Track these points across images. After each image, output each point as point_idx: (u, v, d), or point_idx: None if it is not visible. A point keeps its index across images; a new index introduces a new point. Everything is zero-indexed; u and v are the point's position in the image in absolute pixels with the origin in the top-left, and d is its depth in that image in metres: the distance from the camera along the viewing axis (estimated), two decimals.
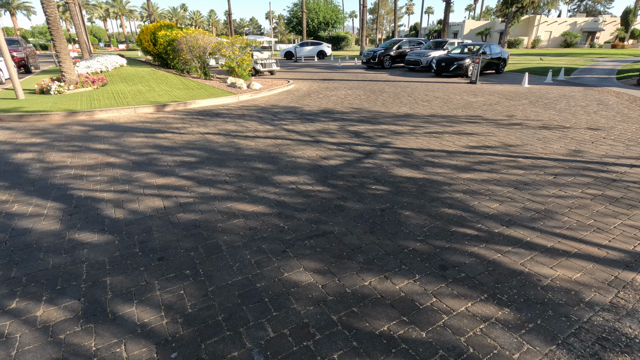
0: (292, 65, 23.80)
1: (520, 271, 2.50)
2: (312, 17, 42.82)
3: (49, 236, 3.01)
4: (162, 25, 17.51)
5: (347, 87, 12.67)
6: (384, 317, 2.09)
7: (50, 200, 3.69)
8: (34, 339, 1.95)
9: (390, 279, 2.44)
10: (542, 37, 48.46)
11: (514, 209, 3.42)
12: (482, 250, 2.75)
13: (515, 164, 4.67)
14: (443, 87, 12.18)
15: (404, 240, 2.90)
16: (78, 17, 19.74)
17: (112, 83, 12.38)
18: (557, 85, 12.37)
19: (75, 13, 19.02)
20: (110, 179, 4.24)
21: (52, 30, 9.87)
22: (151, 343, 1.93)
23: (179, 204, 3.58)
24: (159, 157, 5.04)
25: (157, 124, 7.20)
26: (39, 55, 35.81)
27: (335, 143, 5.74)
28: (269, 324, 2.05)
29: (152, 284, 2.40)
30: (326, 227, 3.12)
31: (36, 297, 2.28)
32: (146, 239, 2.95)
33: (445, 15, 27.39)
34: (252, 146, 5.59)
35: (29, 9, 70.37)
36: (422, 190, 3.86)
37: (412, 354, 1.84)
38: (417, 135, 6.13)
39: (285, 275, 2.49)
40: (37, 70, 18.45)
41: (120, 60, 18.07)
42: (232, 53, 12.91)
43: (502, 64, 16.13)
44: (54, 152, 5.30)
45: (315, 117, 7.79)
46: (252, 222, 3.22)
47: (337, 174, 4.37)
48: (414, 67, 17.87)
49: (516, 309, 2.15)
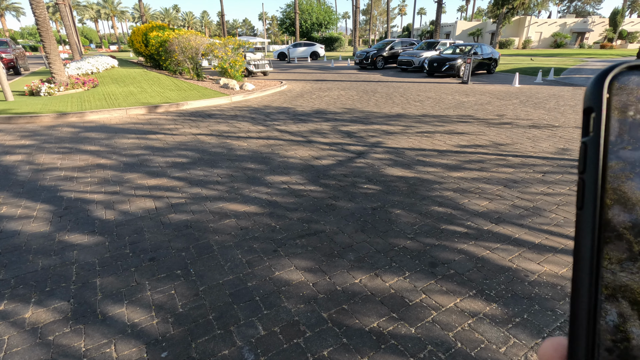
0: (285, 66, 23.81)
1: (508, 267, 2.54)
2: (305, 18, 42.89)
3: (38, 238, 2.98)
4: (154, 26, 17.42)
5: (340, 87, 12.71)
6: (374, 314, 2.11)
7: (39, 202, 3.65)
8: (23, 341, 1.94)
9: (381, 276, 2.46)
10: (532, 37, 49.05)
11: (503, 207, 3.47)
12: (472, 247, 2.79)
13: (505, 162, 4.73)
14: (435, 87, 12.28)
15: (394, 238, 2.93)
16: (68, 18, 19.55)
17: (103, 84, 12.28)
18: (547, 85, 12.54)
19: (65, 14, 18.83)
20: (101, 181, 4.22)
21: (41, 32, 9.77)
22: (141, 343, 1.93)
23: (170, 205, 3.57)
24: (151, 158, 5.02)
25: (148, 125, 7.16)
26: (29, 57, 35.37)
27: (328, 143, 5.76)
28: (259, 322, 2.06)
29: (143, 284, 2.40)
30: (317, 226, 3.14)
31: (25, 299, 2.26)
32: (137, 240, 2.94)
33: (437, 16, 27.61)
34: (245, 147, 5.59)
35: (18, 9, 69.52)
36: (413, 189, 3.90)
37: (401, 349, 1.87)
38: (408, 135, 6.18)
39: (276, 274, 2.50)
40: (27, 71, 18.21)
41: (112, 62, 17.94)
42: (225, 54, 12.88)
43: (493, 64, 16.30)
44: (44, 154, 5.25)
45: (307, 117, 7.81)
46: (243, 222, 3.22)
47: (329, 174, 4.39)
48: (406, 67, 17.98)
49: (503, 304, 2.18)
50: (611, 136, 0.21)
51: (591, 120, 0.21)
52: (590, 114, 0.21)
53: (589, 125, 0.21)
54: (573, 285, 0.21)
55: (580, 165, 0.22)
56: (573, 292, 0.21)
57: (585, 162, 0.21)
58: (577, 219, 0.21)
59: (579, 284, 0.21)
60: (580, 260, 0.21)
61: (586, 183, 0.21)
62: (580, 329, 0.20)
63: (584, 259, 0.20)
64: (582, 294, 0.20)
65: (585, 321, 0.20)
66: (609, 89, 0.21)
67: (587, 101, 0.21)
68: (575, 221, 0.22)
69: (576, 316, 0.21)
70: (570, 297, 0.21)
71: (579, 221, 0.21)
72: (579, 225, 0.21)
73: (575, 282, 0.21)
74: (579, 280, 0.21)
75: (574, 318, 0.21)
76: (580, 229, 0.21)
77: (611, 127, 0.21)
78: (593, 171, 0.21)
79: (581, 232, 0.21)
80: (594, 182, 0.21)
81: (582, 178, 0.21)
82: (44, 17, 9.68)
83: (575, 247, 0.21)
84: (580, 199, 0.21)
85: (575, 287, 0.21)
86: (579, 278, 0.21)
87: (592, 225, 0.20)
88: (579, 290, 0.21)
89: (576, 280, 0.21)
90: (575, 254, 0.21)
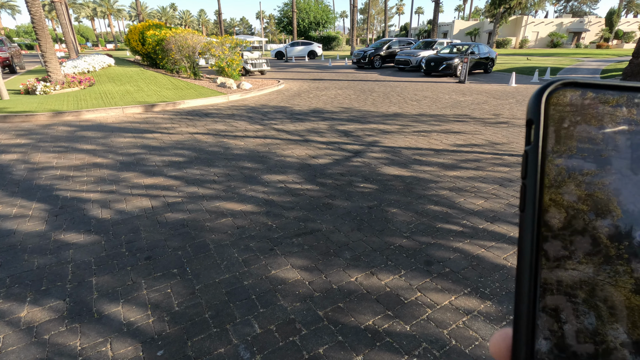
0: (283, 65, 23.78)
1: (502, 265, 2.56)
2: (303, 17, 42.83)
3: (34, 237, 2.97)
4: (150, 25, 17.35)
5: (337, 86, 12.72)
6: (369, 312, 2.12)
7: (35, 201, 3.64)
8: (18, 340, 1.94)
9: (376, 274, 2.48)
10: (529, 37, 49.23)
11: (498, 205, 3.49)
12: (467, 246, 2.81)
13: (501, 161, 4.76)
14: (432, 87, 12.31)
15: (390, 237, 2.95)
16: (64, 16, 19.44)
17: (100, 83, 12.23)
18: None
19: (61, 12, 18.73)
20: (97, 180, 4.21)
21: (37, 30, 9.71)
22: (137, 341, 1.93)
23: (166, 204, 3.57)
24: (147, 157, 5.01)
25: (145, 124, 7.14)
26: (25, 55, 35.09)
27: (325, 142, 5.77)
28: (255, 320, 2.07)
29: (139, 283, 2.40)
30: (314, 225, 3.15)
31: (20, 298, 2.26)
32: (133, 239, 2.94)
33: (435, 15, 27.65)
34: (242, 146, 5.59)
35: (13, 7, 69.04)
36: (409, 188, 3.92)
37: (396, 347, 1.88)
38: (405, 134, 6.20)
39: (272, 272, 2.51)
40: (23, 70, 18.10)
41: (108, 60, 17.85)
42: (222, 53, 12.85)
43: (490, 63, 16.35)
44: (39, 153, 5.23)
45: (305, 116, 7.81)
46: (240, 221, 3.23)
47: (325, 173, 4.40)
48: (403, 67, 18.00)
49: (498, 301, 2.20)
50: (549, 145, 0.23)
51: (532, 131, 0.23)
52: (531, 125, 0.23)
53: (530, 136, 0.23)
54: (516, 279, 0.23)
55: (523, 172, 0.23)
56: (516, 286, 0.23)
57: (526, 168, 0.23)
58: (519, 220, 0.23)
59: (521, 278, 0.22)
60: (522, 257, 0.22)
61: (527, 187, 0.23)
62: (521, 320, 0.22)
63: (525, 255, 0.22)
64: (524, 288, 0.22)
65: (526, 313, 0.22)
66: (546, 104, 0.23)
67: (528, 114, 0.23)
68: (518, 223, 0.23)
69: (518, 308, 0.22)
70: (515, 291, 0.23)
71: (521, 222, 0.23)
72: (521, 226, 0.23)
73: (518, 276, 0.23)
74: (521, 275, 0.22)
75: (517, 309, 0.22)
76: (522, 229, 0.23)
77: (549, 137, 0.23)
78: (533, 177, 0.23)
79: (523, 232, 0.22)
80: (534, 186, 0.22)
81: (524, 183, 0.23)
82: (40, 15, 9.63)
83: (518, 245, 0.23)
84: (522, 202, 0.23)
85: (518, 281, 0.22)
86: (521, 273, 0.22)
87: (532, 225, 0.22)
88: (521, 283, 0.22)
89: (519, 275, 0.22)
90: (518, 252, 0.23)
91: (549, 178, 0.22)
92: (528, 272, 0.22)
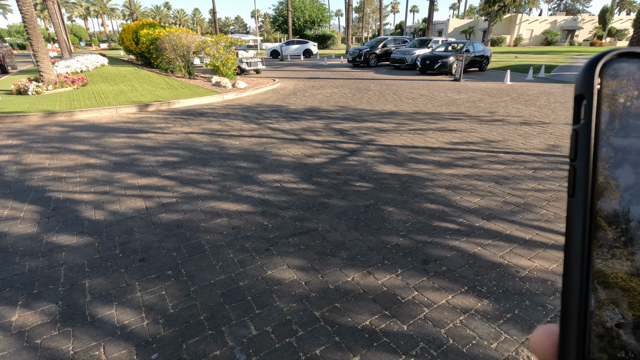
0: (278, 64, 23.70)
1: (499, 263, 2.56)
2: (298, 15, 42.71)
3: (26, 240, 2.93)
4: (144, 24, 17.19)
5: (332, 85, 12.69)
6: (366, 312, 2.11)
7: (27, 203, 3.59)
8: (9, 345, 1.90)
9: (373, 274, 2.46)
10: (523, 35, 49.43)
11: (494, 203, 3.49)
12: (463, 244, 2.80)
13: (496, 159, 4.76)
14: (427, 85, 12.32)
15: (387, 236, 2.93)
16: (57, 15, 19.23)
17: (93, 83, 12.11)
18: (538, 83, 12.65)
19: (53, 11, 18.52)
20: (90, 180, 4.16)
21: (28, 29, 9.59)
22: (131, 345, 1.90)
23: (161, 204, 3.53)
24: (141, 158, 4.96)
25: (139, 124, 7.08)
26: (17, 55, 34.69)
27: (320, 141, 5.75)
28: (251, 321, 2.05)
29: (133, 285, 2.37)
30: (310, 225, 3.13)
31: (11, 302, 2.22)
32: (127, 240, 2.90)
33: (430, 13, 27.69)
34: (237, 145, 5.55)
35: (4, 7, 68.23)
36: (405, 187, 3.91)
37: (393, 347, 1.87)
38: (401, 133, 6.19)
39: (268, 273, 2.49)
40: (15, 70, 17.88)
41: (102, 60, 17.69)
42: (217, 52, 12.77)
43: (485, 61, 16.39)
44: (31, 154, 5.16)
45: (300, 115, 7.78)
46: (235, 221, 3.20)
47: (321, 172, 4.38)
48: (399, 65, 18.01)
49: (495, 300, 2.20)
50: (602, 123, 0.20)
51: (582, 108, 0.21)
52: (582, 101, 0.21)
53: (580, 113, 0.21)
54: (565, 272, 0.21)
55: (572, 153, 0.21)
56: (564, 278, 0.21)
57: (576, 149, 0.21)
58: (568, 206, 0.21)
59: (570, 270, 0.20)
60: (572, 247, 0.20)
61: (577, 170, 0.21)
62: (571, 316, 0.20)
63: (576, 245, 0.20)
64: (574, 281, 0.20)
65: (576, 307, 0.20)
66: (599, 76, 0.20)
67: (578, 88, 0.21)
68: (566, 209, 0.21)
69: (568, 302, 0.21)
70: (562, 284, 0.21)
71: (570, 208, 0.21)
72: (570, 213, 0.21)
73: (566, 269, 0.21)
74: (571, 267, 0.20)
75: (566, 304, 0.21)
76: (572, 216, 0.21)
77: (602, 114, 0.20)
78: (584, 158, 0.20)
79: (572, 219, 0.21)
80: (585, 169, 0.20)
81: (574, 166, 0.21)
82: (31, 14, 9.50)
83: (567, 234, 0.21)
84: (572, 187, 0.21)
85: (566, 274, 0.21)
86: (571, 265, 0.20)
87: (583, 212, 0.20)
88: (570, 276, 0.20)
89: (568, 267, 0.21)
90: (566, 241, 0.21)
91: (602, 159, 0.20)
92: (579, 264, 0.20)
